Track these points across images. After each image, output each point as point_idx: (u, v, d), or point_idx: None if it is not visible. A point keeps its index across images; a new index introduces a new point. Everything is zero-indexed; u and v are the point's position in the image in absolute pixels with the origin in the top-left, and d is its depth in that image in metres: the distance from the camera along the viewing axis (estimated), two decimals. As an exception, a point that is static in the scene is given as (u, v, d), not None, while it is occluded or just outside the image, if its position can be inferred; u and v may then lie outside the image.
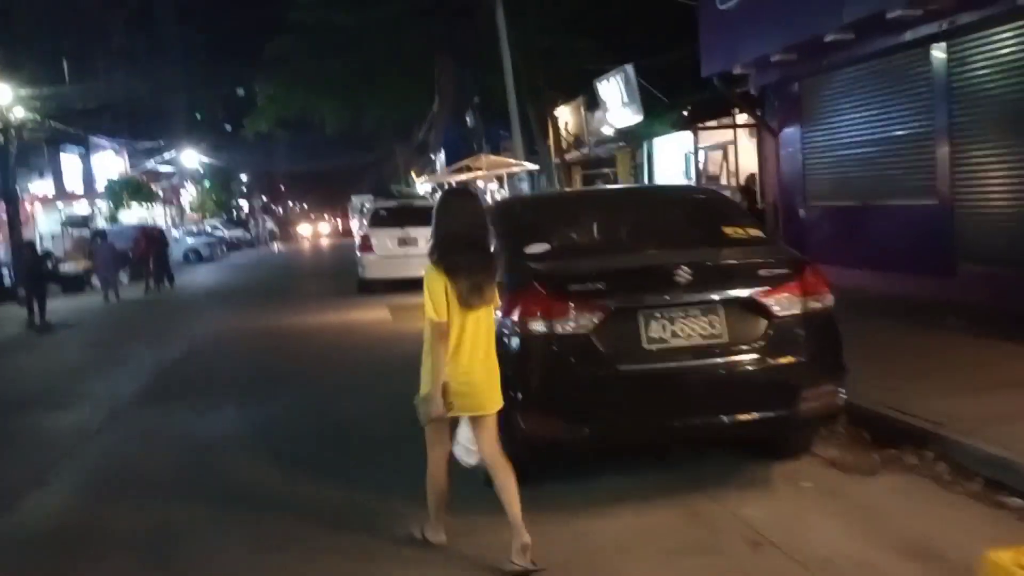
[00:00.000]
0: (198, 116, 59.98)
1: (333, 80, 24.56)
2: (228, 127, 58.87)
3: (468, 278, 3.75)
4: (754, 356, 4.41)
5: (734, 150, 15.26)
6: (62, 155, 33.98)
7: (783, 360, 4.45)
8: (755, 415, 4.44)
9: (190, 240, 37.97)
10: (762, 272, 4.53)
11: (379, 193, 23.48)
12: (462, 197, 4.38)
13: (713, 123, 14.38)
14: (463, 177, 16.88)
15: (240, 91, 51.17)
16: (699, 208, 5.67)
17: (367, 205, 19.61)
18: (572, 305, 4.27)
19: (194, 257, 35.63)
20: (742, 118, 14.25)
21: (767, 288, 4.47)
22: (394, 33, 23.01)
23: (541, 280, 4.37)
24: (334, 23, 23.56)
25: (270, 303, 17.35)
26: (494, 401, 3.91)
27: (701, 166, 16.33)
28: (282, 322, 13.80)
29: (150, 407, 8.14)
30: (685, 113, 13.81)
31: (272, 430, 6.86)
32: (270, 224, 63.04)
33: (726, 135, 15.46)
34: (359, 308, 14.24)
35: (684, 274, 4.36)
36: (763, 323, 4.45)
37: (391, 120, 29.43)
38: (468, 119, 22.08)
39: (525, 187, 19.53)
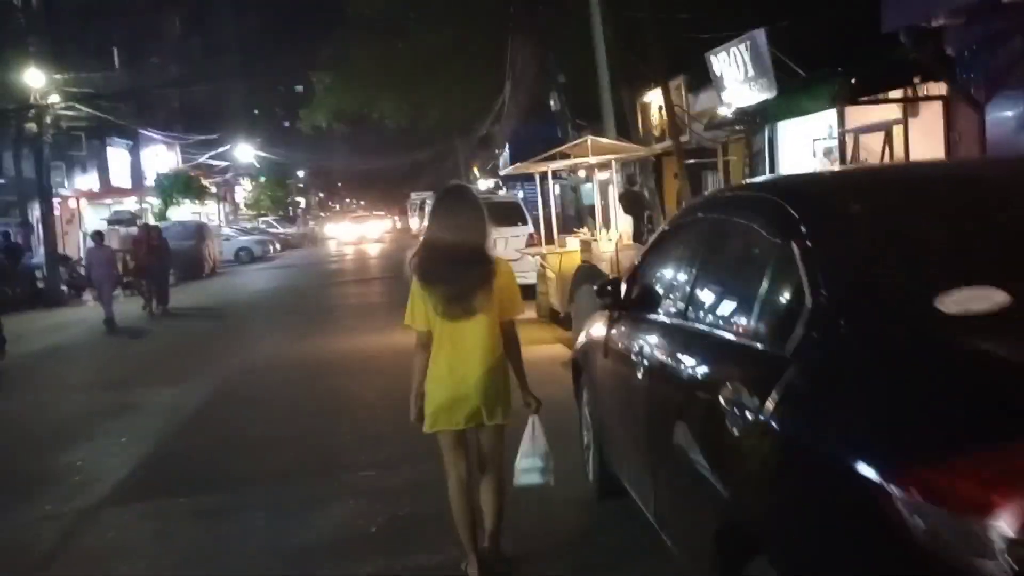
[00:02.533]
0: (255, 111, 58.39)
1: (394, 74, 22.51)
2: (286, 123, 57.10)
3: (444, 288, 3.56)
4: None
5: (902, 131, 12.00)
6: (109, 149, 32.16)
7: None
8: None
9: (242, 238, 35.85)
10: None
11: (439, 190, 20.96)
12: (453, 198, 3.83)
13: (891, 95, 11.20)
14: (557, 166, 14.00)
15: (298, 87, 49.35)
16: None
17: (428, 203, 17.03)
18: None
19: (245, 256, 33.47)
20: (920, 88, 11.03)
21: None
22: (464, 15, 20.51)
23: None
24: (395, 13, 21.59)
25: (322, 317, 14.75)
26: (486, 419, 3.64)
27: (850, 155, 13.10)
28: (337, 348, 11.03)
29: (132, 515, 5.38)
30: (853, 82, 10.65)
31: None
32: (313, 223, 59.37)
33: (888, 113, 12.19)
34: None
35: None
36: None
37: (453, 115, 27.51)
38: (552, 102, 19.36)
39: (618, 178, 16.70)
